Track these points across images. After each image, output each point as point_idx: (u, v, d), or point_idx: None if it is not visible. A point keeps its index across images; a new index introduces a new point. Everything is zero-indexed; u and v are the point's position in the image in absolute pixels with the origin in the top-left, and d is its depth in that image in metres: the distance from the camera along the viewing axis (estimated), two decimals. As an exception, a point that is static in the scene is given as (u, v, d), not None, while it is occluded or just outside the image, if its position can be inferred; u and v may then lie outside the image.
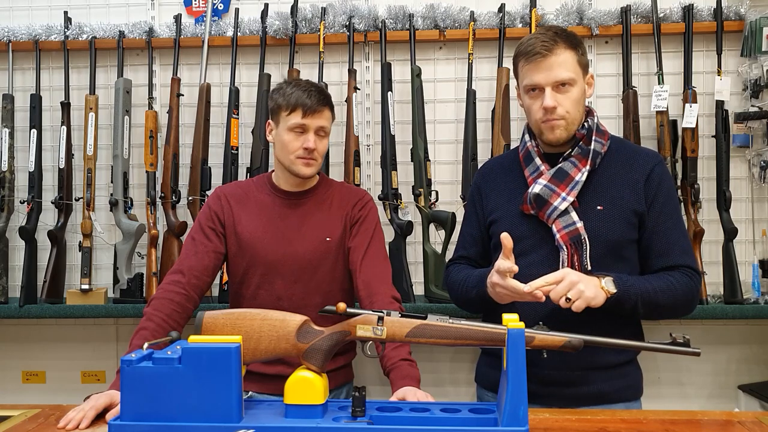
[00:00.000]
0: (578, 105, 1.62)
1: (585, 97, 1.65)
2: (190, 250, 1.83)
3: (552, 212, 1.61)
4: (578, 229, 1.59)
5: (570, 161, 1.63)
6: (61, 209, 2.46)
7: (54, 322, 2.59)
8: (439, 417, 1.28)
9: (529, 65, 1.61)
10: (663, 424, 1.37)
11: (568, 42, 1.60)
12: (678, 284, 1.58)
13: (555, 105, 1.58)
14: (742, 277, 2.31)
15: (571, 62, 1.60)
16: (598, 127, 1.66)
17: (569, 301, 1.45)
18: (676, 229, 1.64)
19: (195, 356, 1.22)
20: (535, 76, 1.60)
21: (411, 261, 2.41)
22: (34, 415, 1.46)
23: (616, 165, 1.66)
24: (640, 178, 1.63)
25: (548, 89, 1.58)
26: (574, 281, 1.46)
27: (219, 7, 2.54)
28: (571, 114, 1.61)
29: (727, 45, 2.36)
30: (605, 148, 1.66)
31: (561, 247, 1.60)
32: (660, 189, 1.64)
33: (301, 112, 1.78)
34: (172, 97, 2.45)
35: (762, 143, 2.36)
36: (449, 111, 2.51)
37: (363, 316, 1.30)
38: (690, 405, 2.44)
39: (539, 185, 1.63)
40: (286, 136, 1.80)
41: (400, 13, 2.43)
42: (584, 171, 1.62)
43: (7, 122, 2.48)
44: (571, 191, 1.61)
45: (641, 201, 1.62)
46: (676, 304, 1.59)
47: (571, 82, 1.59)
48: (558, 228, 1.61)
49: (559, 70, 1.58)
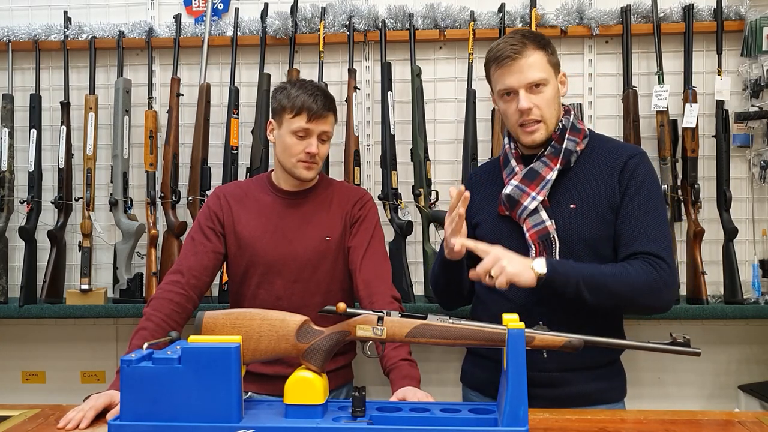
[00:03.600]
0: (553, 105, 1.62)
1: (559, 95, 1.65)
2: (189, 250, 1.83)
3: (522, 212, 1.62)
4: (547, 228, 1.59)
5: (542, 161, 1.63)
6: (61, 209, 2.47)
7: (54, 322, 2.59)
8: (439, 417, 1.28)
9: (500, 70, 1.62)
10: (663, 424, 1.37)
11: (536, 43, 1.61)
12: (634, 271, 1.51)
13: (530, 106, 1.59)
14: (743, 277, 2.31)
15: (542, 63, 1.60)
16: (574, 125, 1.65)
17: (492, 278, 1.46)
18: (648, 217, 1.58)
19: (195, 356, 1.22)
20: (508, 79, 1.60)
21: (411, 261, 2.40)
22: (34, 415, 1.45)
23: (593, 162, 1.64)
24: (615, 172, 1.61)
25: (522, 91, 1.59)
26: (497, 257, 1.47)
27: (219, 6, 2.54)
28: (547, 114, 1.61)
29: (727, 45, 2.36)
30: (581, 146, 1.65)
31: (529, 246, 1.60)
32: (633, 178, 1.60)
33: (306, 117, 1.77)
34: (172, 96, 2.45)
35: (762, 143, 2.36)
36: (449, 111, 2.51)
37: (363, 316, 1.30)
38: (690, 405, 2.44)
39: (511, 186, 1.64)
40: (289, 139, 1.79)
41: (400, 12, 2.43)
42: (555, 170, 1.61)
43: (7, 122, 2.48)
44: (541, 190, 1.61)
45: (616, 195, 1.60)
46: (635, 292, 1.51)
47: (544, 82, 1.60)
48: (528, 227, 1.61)
49: (531, 72, 1.59)
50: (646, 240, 1.55)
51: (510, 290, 1.53)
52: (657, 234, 1.57)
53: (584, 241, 1.59)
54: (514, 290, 1.54)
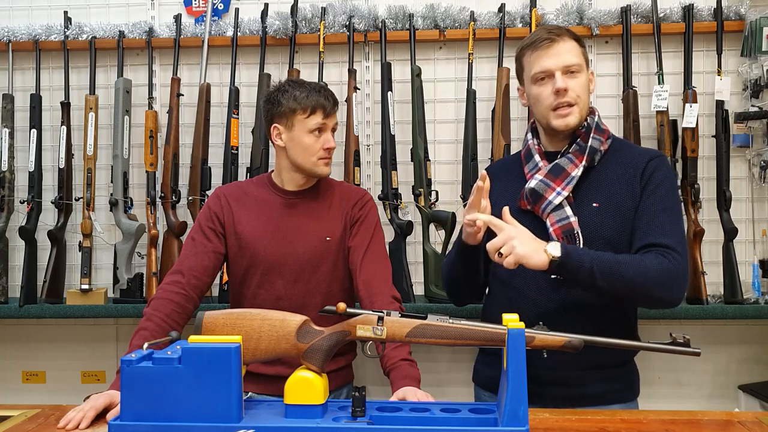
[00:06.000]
0: (585, 92, 1.64)
1: (589, 89, 1.67)
2: (189, 250, 1.83)
3: (546, 206, 1.62)
4: (571, 224, 1.59)
5: (567, 157, 1.64)
6: (61, 209, 2.47)
7: (54, 322, 2.59)
8: (439, 417, 1.28)
9: (536, 53, 1.63)
10: (663, 424, 1.37)
11: (571, 35, 1.66)
12: (649, 262, 1.51)
13: (566, 87, 1.60)
14: (742, 277, 2.31)
15: (577, 51, 1.64)
16: (599, 125, 1.67)
17: (501, 255, 1.45)
18: (664, 213, 1.58)
19: (195, 356, 1.22)
20: (545, 61, 1.62)
21: (411, 261, 2.41)
22: (34, 415, 1.45)
23: (615, 163, 1.66)
24: (637, 173, 1.63)
25: (558, 73, 1.61)
26: (510, 236, 1.46)
27: (219, 7, 2.54)
28: (582, 99, 1.63)
29: (727, 45, 2.36)
30: (605, 146, 1.67)
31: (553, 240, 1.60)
32: (653, 177, 1.61)
33: (321, 114, 1.80)
34: (172, 97, 2.45)
35: (762, 143, 2.36)
36: (449, 111, 2.51)
37: (363, 316, 1.30)
38: (690, 405, 2.43)
39: (535, 180, 1.64)
40: (308, 139, 1.81)
41: (400, 13, 2.43)
42: (580, 167, 1.62)
43: (7, 122, 2.48)
44: (566, 186, 1.61)
45: (637, 196, 1.61)
46: (649, 282, 1.50)
47: (579, 69, 1.63)
48: (551, 222, 1.61)
49: (568, 56, 1.62)
50: (661, 233, 1.56)
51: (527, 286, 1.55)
52: (672, 229, 1.58)
53: (605, 240, 1.59)
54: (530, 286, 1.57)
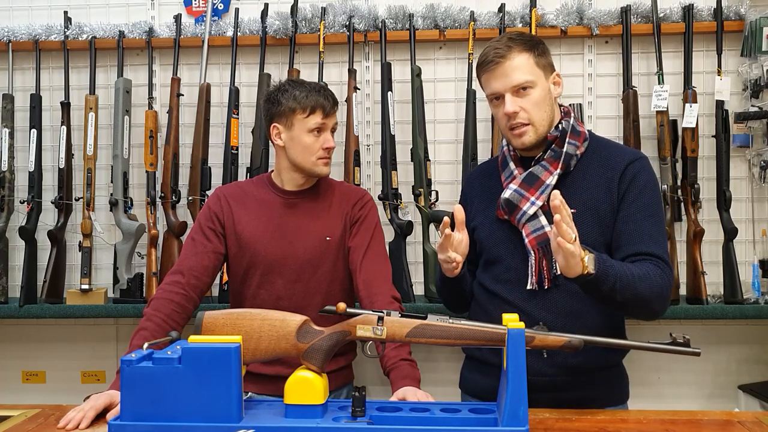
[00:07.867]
0: (541, 107, 1.60)
1: (551, 97, 1.63)
2: (189, 250, 1.83)
3: (521, 217, 1.60)
4: (546, 234, 1.56)
5: (541, 165, 1.62)
6: (61, 209, 2.46)
7: (54, 322, 2.59)
8: (439, 417, 1.28)
9: (486, 74, 1.62)
10: (663, 424, 1.37)
11: (522, 45, 1.60)
12: (653, 274, 1.49)
13: (515, 110, 1.58)
14: (742, 277, 2.30)
15: (527, 65, 1.59)
16: (574, 128, 1.63)
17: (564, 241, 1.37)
18: (650, 220, 1.56)
19: (195, 356, 1.22)
20: (493, 83, 1.61)
21: (411, 261, 2.40)
22: (34, 415, 1.46)
23: (593, 166, 1.63)
24: (615, 176, 1.60)
25: (507, 95, 1.59)
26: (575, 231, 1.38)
27: (219, 7, 2.54)
28: (535, 117, 1.59)
29: (727, 45, 2.36)
30: (581, 149, 1.63)
31: (529, 252, 1.59)
32: (633, 183, 1.58)
33: (321, 114, 1.81)
34: (172, 97, 2.45)
35: (762, 143, 2.36)
36: (449, 111, 2.51)
37: (363, 316, 1.30)
38: (690, 405, 2.43)
39: (509, 190, 1.62)
40: (307, 138, 1.81)
41: (400, 13, 2.43)
42: (555, 174, 1.60)
43: (7, 122, 2.48)
44: (541, 195, 1.59)
45: (614, 200, 1.58)
46: (652, 296, 1.49)
47: (530, 85, 1.58)
48: (527, 233, 1.59)
49: (515, 75, 1.58)
50: (649, 241, 1.54)
51: (510, 294, 1.55)
52: (659, 237, 1.56)
53: None
54: (514, 294, 1.56)
